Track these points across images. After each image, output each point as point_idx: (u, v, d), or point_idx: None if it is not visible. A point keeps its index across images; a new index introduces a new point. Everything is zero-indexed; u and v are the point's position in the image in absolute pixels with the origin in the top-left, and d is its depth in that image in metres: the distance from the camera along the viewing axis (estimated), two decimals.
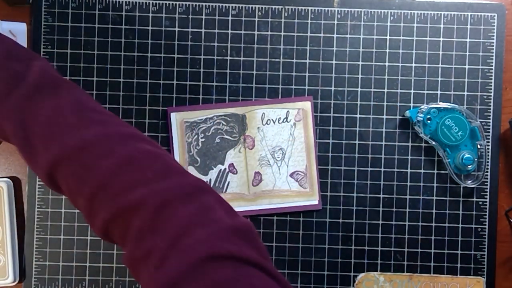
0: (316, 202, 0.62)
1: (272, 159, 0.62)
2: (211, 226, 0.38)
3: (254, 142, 0.62)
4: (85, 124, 0.43)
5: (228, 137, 0.62)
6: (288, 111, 0.62)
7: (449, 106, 0.61)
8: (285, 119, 0.62)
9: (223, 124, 0.62)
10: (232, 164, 0.62)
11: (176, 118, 0.62)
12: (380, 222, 0.63)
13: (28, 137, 0.42)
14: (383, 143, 0.63)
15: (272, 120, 0.62)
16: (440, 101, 0.63)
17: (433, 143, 0.61)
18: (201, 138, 0.62)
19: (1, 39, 0.46)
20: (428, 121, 0.61)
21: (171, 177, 0.41)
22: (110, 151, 0.41)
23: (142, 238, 0.38)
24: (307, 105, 0.63)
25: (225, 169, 0.62)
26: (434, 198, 0.63)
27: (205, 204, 0.40)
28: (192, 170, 0.62)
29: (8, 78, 0.43)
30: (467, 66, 0.63)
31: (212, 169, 0.62)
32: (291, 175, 0.62)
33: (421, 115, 0.61)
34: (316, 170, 0.63)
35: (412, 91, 0.63)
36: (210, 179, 0.62)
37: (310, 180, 0.62)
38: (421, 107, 0.61)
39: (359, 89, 0.63)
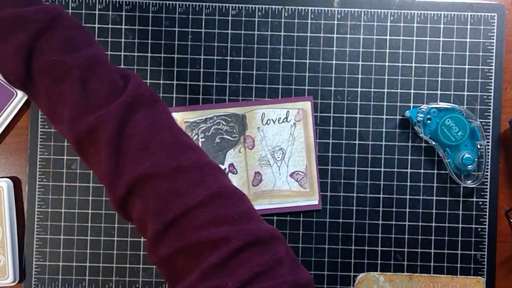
0: (316, 202, 0.62)
1: (272, 159, 0.62)
2: (278, 279, 0.38)
3: (254, 142, 0.62)
4: (181, 146, 0.42)
5: (228, 137, 0.62)
6: (288, 111, 0.62)
7: (449, 106, 0.61)
8: (285, 119, 0.62)
9: (223, 124, 0.62)
10: (232, 164, 0.62)
11: (176, 118, 0.62)
12: (380, 222, 0.63)
13: (121, 146, 0.41)
14: (383, 143, 0.63)
15: (272, 120, 0.62)
16: (440, 101, 0.63)
17: (433, 143, 0.61)
18: (201, 138, 0.62)
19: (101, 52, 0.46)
20: (428, 121, 0.61)
21: (252, 221, 0.41)
22: (201, 181, 0.41)
23: (212, 275, 0.38)
24: (307, 105, 0.63)
25: (225, 169, 0.62)
26: (434, 198, 0.63)
27: (277, 255, 0.40)
28: None
29: (112, 84, 0.43)
30: (467, 66, 0.63)
31: None
32: (291, 175, 0.62)
33: (421, 115, 0.61)
34: (316, 170, 0.63)
35: (412, 91, 0.63)
36: None
37: (310, 180, 0.62)
38: (421, 107, 0.61)
39: (359, 89, 0.63)
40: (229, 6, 0.63)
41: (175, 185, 0.40)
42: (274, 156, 0.62)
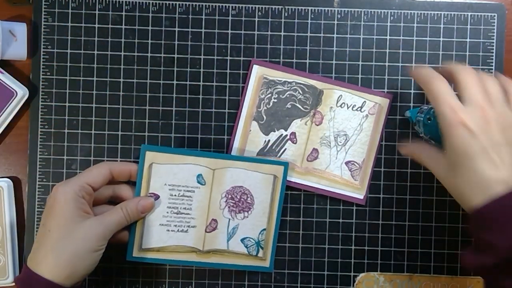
0: (362, 197, 0.62)
1: (334, 141, 0.62)
2: None
3: (323, 119, 0.62)
4: None
5: (300, 107, 0.62)
6: (365, 101, 0.62)
7: None
8: (360, 108, 0.62)
9: (299, 93, 0.62)
10: (294, 133, 0.62)
11: (257, 72, 0.62)
12: (380, 222, 0.63)
13: None
14: (384, 143, 0.63)
15: (347, 104, 0.62)
16: None
17: (433, 143, 0.61)
18: (274, 98, 0.62)
19: None
20: (428, 121, 0.61)
21: None
22: None
23: None
24: (385, 101, 0.62)
25: (286, 135, 0.62)
26: (434, 198, 0.63)
27: None
28: (255, 126, 0.62)
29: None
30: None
31: (274, 131, 0.62)
32: (347, 163, 0.62)
33: (421, 115, 0.61)
34: (371, 167, 0.62)
35: (412, 91, 0.63)
36: (269, 140, 0.62)
37: (363, 174, 0.62)
38: (421, 107, 0.61)
39: None
40: (229, 6, 0.63)
41: None
42: (337, 140, 0.62)
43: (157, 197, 0.58)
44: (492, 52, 0.63)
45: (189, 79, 0.63)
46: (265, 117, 0.62)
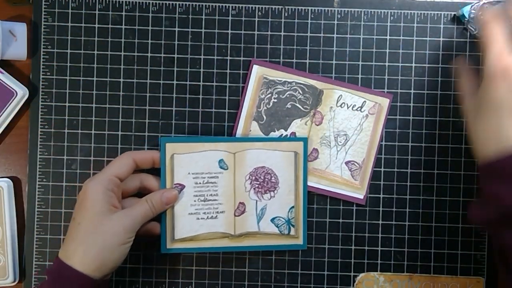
0: (362, 197, 0.62)
1: (334, 141, 0.62)
2: None
3: (323, 119, 0.62)
4: None
5: (300, 107, 0.62)
6: (365, 101, 0.62)
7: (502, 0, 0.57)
8: (359, 108, 0.62)
9: (299, 93, 0.62)
10: (294, 133, 0.62)
11: (257, 72, 0.62)
12: (380, 222, 0.63)
13: None
14: (384, 143, 0.63)
15: (347, 104, 0.62)
16: (439, 103, 0.63)
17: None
18: (274, 98, 0.62)
19: None
20: (482, 17, 0.54)
21: None
22: None
23: None
24: (385, 101, 0.62)
25: (286, 135, 0.62)
26: (434, 198, 0.63)
27: None
28: (255, 126, 0.62)
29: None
30: None
31: (274, 131, 0.62)
32: (347, 163, 0.62)
33: (474, 11, 0.58)
34: (371, 167, 0.62)
35: (412, 91, 0.63)
36: None
37: (363, 174, 0.62)
38: (473, 3, 0.58)
39: None
40: (229, 6, 0.63)
41: None
42: (337, 140, 0.62)
43: (182, 187, 0.59)
44: None
45: (189, 79, 0.63)
46: (265, 117, 0.62)
